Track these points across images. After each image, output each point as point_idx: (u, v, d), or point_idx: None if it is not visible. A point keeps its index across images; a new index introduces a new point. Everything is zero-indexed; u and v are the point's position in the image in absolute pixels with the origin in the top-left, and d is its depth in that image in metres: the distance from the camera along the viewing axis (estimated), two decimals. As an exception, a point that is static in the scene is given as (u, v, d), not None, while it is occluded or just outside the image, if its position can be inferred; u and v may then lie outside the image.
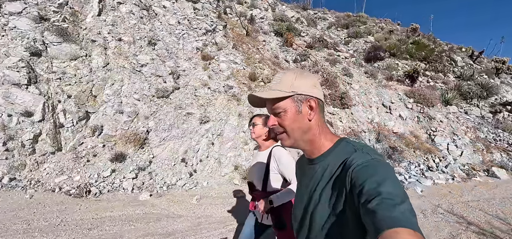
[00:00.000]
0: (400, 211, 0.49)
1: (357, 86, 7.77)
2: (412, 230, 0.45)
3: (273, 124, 0.78)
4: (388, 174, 0.58)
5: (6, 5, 5.84)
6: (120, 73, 6.16)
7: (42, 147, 4.73)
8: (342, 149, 0.73)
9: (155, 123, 5.63)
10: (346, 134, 6.68)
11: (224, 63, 6.86)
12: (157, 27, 7.43)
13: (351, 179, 0.62)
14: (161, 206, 3.72)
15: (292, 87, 0.75)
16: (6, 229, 2.88)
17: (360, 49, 13.95)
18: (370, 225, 0.51)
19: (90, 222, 3.11)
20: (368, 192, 0.55)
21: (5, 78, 4.84)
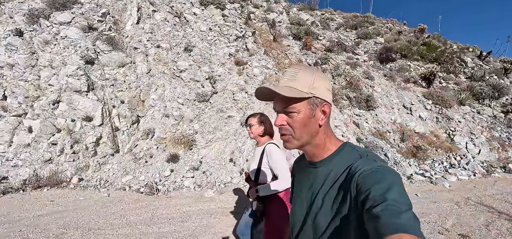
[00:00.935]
0: (405, 218, 0.50)
1: (379, 89, 8.30)
2: (416, 237, 0.46)
3: (282, 123, 0.74)
4: (394, 182, 0.58)
5: (56, 15, 6.25)
6: (161, 78, 6.60)
7: (103, 150, 5.17)
8: (347, 154, 0.74)
9: (200, 125, 6.09)
10: (372, 135, 7.21)
11: (257, 68, 7.33)
12: (189, 33, 7.87)
13: (357, 185, 0.62)
14: (228, 201, 4.19)
15: (311, 88, 0.72)
16: (110, 224, 3.33)
17: (371, 50, 14.48)
18: (373, 231, 0.52)
19: (179, 216, 3.57)
20: (374, 198, 0.55)
21: (67, 86, 5.27)
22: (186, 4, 8.44)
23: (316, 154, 0.77)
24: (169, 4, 8.11)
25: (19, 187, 4.38)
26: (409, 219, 0.50)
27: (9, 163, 4.71)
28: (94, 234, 3.00)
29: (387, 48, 14.02)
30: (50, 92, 5.27)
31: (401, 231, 0.47)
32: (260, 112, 2.04)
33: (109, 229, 3.14)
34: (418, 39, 15.25)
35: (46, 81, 5.37)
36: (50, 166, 4.77)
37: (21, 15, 6.42)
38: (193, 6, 8.46)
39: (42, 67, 5.53)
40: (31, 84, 5.34)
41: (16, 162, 4.69)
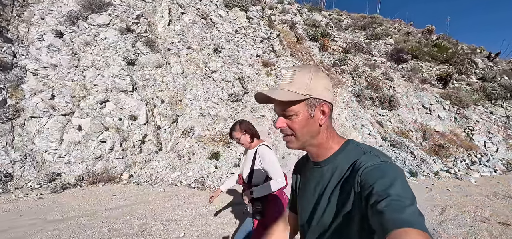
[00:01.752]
0: (409, 213, 0.50)
1: (400, 89, 8.66)
2: (421, 231, 0.47)
3: (282, 126, 0.76)
4: (397, 177, 0.59)
5: (94, 17, 6.50)
6: (194, 79, 6.87)
7: (148, 147, 5.44)
8: (351, 151, 0.75)
9: (235, 124, 6.37)
10: (395, 133, 7.54)
11: (285, 69, 7.63)
12: (216, 35, 8.14)
13: (361, 181, 0.63)
14: None
15: (307, 89, 0.73)
16: (182, 216, 3.60)
17: (382, 51, 14.84)
18: (378, 226, 0.52)
19: (240, 209, 3.85)
20: (377, 193, 0.56)
21: (114, 86, 5.52)
22: (211, 6, 8.71)
23: (319, 154, 0.79)
24: (196, 7, 8.38)
25: (75, 183, 4.63)
26: (414, 214, 0.50)
27: (62, 160, 4.96)
28: (174, 225, 3.27)
29: (398, 49, 14.40)
30: (96, 91, 5.52)
31: (406, 225, 0.47)
32: (239, 120, 2.10)
33: (185, 220, 3.41)
34: (427, 40, 15.67)
35: (91, 81, 5.61)
36: (100, 163, 5.03)
37: (59, 16, 6.66)
38: (218, 9, 8.73)
39: (86, 68, 5.77)
40: (77, 84, 5.58)
41: (69, 159, 4.94)
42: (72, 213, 3.49)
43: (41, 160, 4.89)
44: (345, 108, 7.24)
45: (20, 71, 5.86)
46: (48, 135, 5.04)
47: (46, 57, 5.93)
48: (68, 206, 3.73)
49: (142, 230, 3.09)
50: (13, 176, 4.63)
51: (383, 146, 6.85)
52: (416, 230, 0.47)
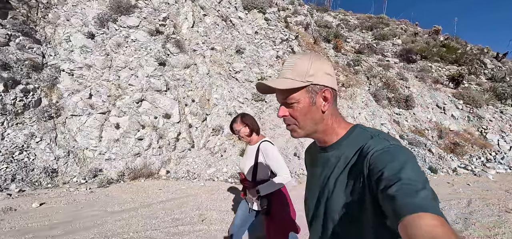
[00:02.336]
0: (422, 197, 0.49)
1: (414, 90, 8.99)
2: (436, 215, 0.46)
3: (284, 115, 0.77)
4: (408, 159, 0.58)
5: (125, 19, 6.78)
6: (218, 79, 7.16)
7: (182, 145, 5.72)
8: (357, 136, 0.74)
9: (261, 123, 6.66)
10: (412, 132, 7.86)
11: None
12: (236, 36, 8.44)
13: (369, 165, 0.62)
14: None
15: (307, 76, 0.72)
16: (233, 207, 3.89)
17: (390, 52, 15.18)
18: (390, 211, 0.51)
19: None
20: (388, 177, 0.55)
21: (149, 85, 5.81)
22: (230, 8, 9.00)
23: (326, 140, 0.78)
24: (216, 9, 8.67)
25: (118, 178, 4.91)
26: (426, 198, 0.49)
27: (103, 157, 5.23)
28: (229, 215, 3.56)
29: (407, 50, 14.75)
30: (131, 91, 5.80)
31: (419, 210, 0.46)
32: (241, 114, 2.06)
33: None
34: (435, 41, 16.03)
35: (126, 81, 5.89)
36: (138, 159, 5.31)
37: (83, 18, 6.93)
38: (237, 10, 9.02)
39: (120, 68, 6.05)
40: (113, 84, 5.86)
41: (110, 156, 5.22)
42: (129, 205, 3.77)
43: (83, 157, 5.17)
44: (364, 107, 7.55)
45: (53, 71, 6.14)
46: (88, 132, 5.32)
47: (80, 57, 6.20)
48: (121, 199, 4.01)
49: (202, 219, 3.37)
50: (58, 171, 4.91)
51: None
52: (431, 214, 0.45)
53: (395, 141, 0.67)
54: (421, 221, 0.45)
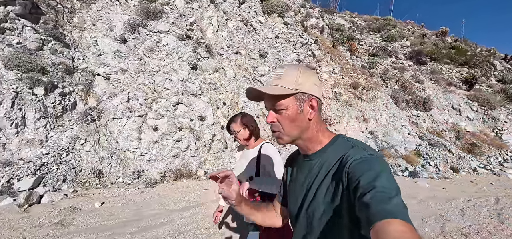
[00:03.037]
0: (393, 204, 0.53)
1: (431, 92, 9.34)
2: (404, 221, 0.49)
3: (272, 121, 0.80)
4: (382, 169, 0.62)
5: (155, 24, 7.06)
6: (244, 82, 7.46)
7: (217, 146, 6.01)
8: (339, 145, 0.78)
9: (288, 125, 6.97)
10: (430, 133, 8.20)
11: (326, 73, 8.26)
12: (258, 40, 8.74)
13: (348, 174, 0.66)
14: None
15: (296, 84, 0.77)
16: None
17: (400, 54, 15.56)
18: (363, 217, 0.55)
19: None
20: (363, 186, 0.59)
21: (185, 89, 6.10)
22: (250, 13, 9.30)
23: (310, 148, 0.82)
24: (237, 13, 8.97)
25: (161, 179, 5.18)
26: (398, 205, 0.53)
27: (143, 158, 5.51)
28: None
29: (417, 51, 15.13)
30: (167, 94, 6.08)
31: (390, 216, 0.50)
32: (242, 113, 1.90)
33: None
34: (444, 42, 16.44)
35: (161, 85, 6.18)
36: (177, 160, 5.58)
37: (109, 22, 7.22)
38: (257, 15, 9.33)
39: (154, 72, 6.33)
40: (148, 88, 6.14)
41: (150, 157, 5.49)
42: (185, 204, 4.05)
43: (124, 158, 5.44)
44: (385, 109, 7.88)
45: (87, 75, 6.41)
46: (128, 135, 5.59)
47: (114, 62, 6.48)
48: (173, 198, 4.29)
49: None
50: (103, 172, 5.17)
51: (421, 145, 7.51)
52: (399, 220, 0.49)
53: (373, 151, 0.72)
54: (391, 227, 0.48)
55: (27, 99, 5.47)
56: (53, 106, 5.71)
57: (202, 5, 8.42)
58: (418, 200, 4.60)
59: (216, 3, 8.54)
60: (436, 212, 4.00)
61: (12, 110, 5.20)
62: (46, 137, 5.34)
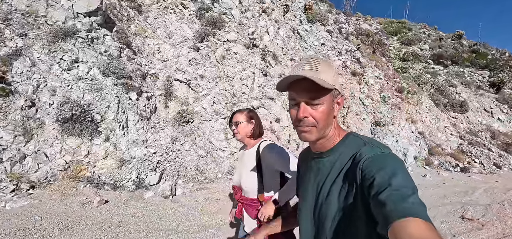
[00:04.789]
0: (411, 202, 0.53)
1: (465, 95, 10.42)
2: (423, 220, 0.50)
3: (305, 115, 0.78)
4: (398, 167, 0.63)
5: (224, 34, 7.97)
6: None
7: (292, 146, 6.93)
8: (351, 142, 0.80)
9: (346, 126, 7.92)
10: (467, 133, 9.25)
11: (371, 78, 9.26)
12: (305, 47, 9.71)
13: (362, 172, 0.67)
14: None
15: (334, 80, 0.78)
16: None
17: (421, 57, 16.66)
18: (380, 216, 0.56)
19: None
20: (379, 184, 0.60)
21: (264, 94, 7.01)
22: (295, 21, 10.28)
23: (324, 145, 0.84)
24: (285, 21, 9.93)
25: (253, 174, 6.08)
26: (415, 203, 0.54)
27: (233, 156, 6.39)
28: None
29: (438, 55, 16.25)
30: (245, 98, 6.98)
31: (408, 215, 0.50)
32: (248, 108, 1.87)
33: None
34: (462, 46, 17.65)
35: (239, 90, 7.08)
36: (261, 158, 6.49)
37: (166, 30, 8.12)
38: (302, 23, 10.31)
39: (230, 78, 7.23)
40: (229, 92, 7.03)
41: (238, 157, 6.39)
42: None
43: (216, 156, 6.32)
44: (428, 112, 8.91)
45: (168, 80, 7.28)
46: (217, 135, 6.47)
47: (190, 68, 7.37)
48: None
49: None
50: (203, 169, 6.04)
51: (462, 144, 8.54)
52: (419, 219, 0.50)
53: (386, 148, 0.74)
54: (410, 225, 0.49)
55: (125, 103, 6.34)
56: (144, 109, 6.58)
57: (254, 15, 9.37)
58: (483, 190, 5.59)
59: (267, 13, 9.49)
60: (507, 198, 4.98)
61: (118, 113, 6.07)
62: (146, 138, 6.20)
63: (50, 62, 6.18)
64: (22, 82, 5.68)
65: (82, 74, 6.23)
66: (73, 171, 5.13)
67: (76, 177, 5.04)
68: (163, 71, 7.82)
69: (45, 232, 3.07)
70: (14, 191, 4.37)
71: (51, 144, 5.21)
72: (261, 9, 9.67)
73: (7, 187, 4.43)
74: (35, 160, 5.00)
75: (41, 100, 5.64)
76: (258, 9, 9.63)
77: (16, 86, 5.59)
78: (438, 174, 6.80)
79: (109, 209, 3.89)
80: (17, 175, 4.80)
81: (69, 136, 5.30)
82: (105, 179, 5.04)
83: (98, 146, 5.45)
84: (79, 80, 6.09)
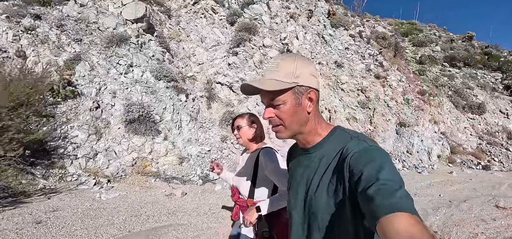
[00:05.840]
0: (398, 197, 0.55)
1: (482, 97, 11.14)
2: (411, 214, 0.52)
3: (270, 116, 0.82)
4: (385, 161, 0.65)
5: (259, 39, 8.64)
6: (327, 89, 9.09)
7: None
8: (338, 137, 0.81)
9: (373, 126, 8.61)
10: (484, 134, 9.96)
11: (394, 81, 9.95)
12: (330, 51, 10.38)
13: (349, 167, 0.69)
14: (434, 178, 6.73)
15: (293, 77, 0.78)
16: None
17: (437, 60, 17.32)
18: (368, 211, 0.58)
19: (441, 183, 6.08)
20: (367, 178, 0.61)
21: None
22: (319, 26, 10.95)
23: (308, 141, 0.85)
24: (310, 26, 10.61)
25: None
26: (403, 197, 0.55)
27: (274, 154, 7.07)
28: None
29: (451, 57, 16.94)
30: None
31: (396, 210, 0.52)
32: (249, 112, 1.90)
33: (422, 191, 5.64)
34: (474, 48, 18.37)
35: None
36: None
37: (198, 34, 8.79)
38: (326, 28, 10.99)
39: (268, 82, 7.90)
40: (267, 96, 7.71)
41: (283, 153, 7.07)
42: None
43: (260, 154, 6.99)
44: (449, 114, 9.61)
45: (209, 84, 7.95)
46: (259, 135, 7.14)
47: (231, 72, 8.03)
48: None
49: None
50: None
51: (481, 144, 9.25)
52: (406, 213, 0.52)
53: (373, 142, 0.76)
54: (398, 220, 0.51)
55: (177, 104, 7.01)
56: (192, 110, 7.25)
57: (283, 20, 10.04)
58: (507, 185, 6.29)
59: (295, 18, 10.17)
60: (532, 191, 5.67)
61: (173, 114, 6.74)
62: (197, 137, 6.87)
63: (107, 66, 6.83)
64: (85, 85, 6.34)
65: (137, 78, 6.90)
66: (140, 166, 5.79)
67: (143, 172, 5.70)
68: (200, 73, 8.49)
69: (155, 217, 3.72)
70: (96, 184, 5.03)
71: (119, 142, 5.86)
72: (288, 14, 10.34)
73: (88, 181, 5.10)
74: (106, 156, 5.66)
75: (104, 101, 6.29)
76: (286, 15, 10.31)
77: (81, 89, 6.25)
78: (462, 171, 7.50)
79: (191, 199, 4.53)
80: (92, 170, 5.47)
81: (134, 135, 5.96)
82: (170, 174, 5.70)
83: (158, 144, 6.10)
84: (136, 83, 6.75)
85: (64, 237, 3.19)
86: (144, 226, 3.48)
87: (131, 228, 3.34)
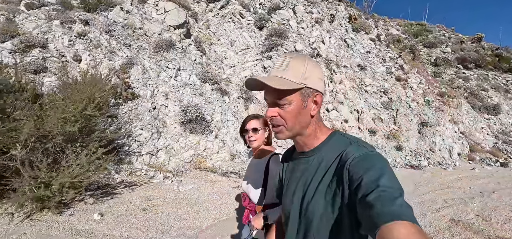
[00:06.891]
0: (398, 205, 0.56)
1: (496, 99, 11.94)
2: (411, 223, 0.53)
3: (273, 115, 0.82)
4: (385, 168, 0.66)
5: (291, 44, 9.37)
6: (352, 90, 9.84)
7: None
8: (337, 141, 0.83)
9: (398, 126, 9.38)
10: (499, 134, 10.76)
11: (414, 83, 10.72)
12: (352, 55, 11.14)
13: (349, 172, 0.70)
14: (460, 173, 7.51)
15: (303, 78, 0.78)
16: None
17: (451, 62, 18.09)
18: (367, 219, 0.58)
19: (464, 178, 6.85)
20: (367, 184, 0.62)
21: (335, 99, 8.43)
22: (341, 30, 11.70)
23: (307, 144, 0.86)
24: (333, 30, 11.36)
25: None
26: (402, 206, 0.56)
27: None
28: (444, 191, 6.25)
29: (462, 58, 17.73)
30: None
31: (396, 218, 0.53)
32: (260, 114, 1.90)
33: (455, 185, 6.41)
34: (484, 49, 19.20)
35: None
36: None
37: (227, 39, 9.49)
38: (348, 32, 11.74)
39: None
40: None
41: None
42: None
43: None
44: (466, 114, 10.40)
45: (241, 85, 8.66)
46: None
47: (267, 75, 8.77)
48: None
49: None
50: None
51: (497, 143, 10.05)
52: (407, 222, 0.52)
53: (372, 148, 0.78)
54: (399, 229, 0.51)
55: (223, 105, 7.73)
56: (234, 110, 7.96)
57: (308, 25, 10.79)
58: (528, 180, 7.06)
59: (320, 22, 10.92)
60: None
61: (221, 114, 7.46)
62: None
63: (158, 69, 7.54)
64: (140, 87, 7.04)
65: (186, 80, 7.61)
66: (196, 162, 6.51)
67: (200, 167, 6.43)
68: (234, 76, 9.21)
69: (237, 204, 4.45)
70: (165, 179, 5.74)
71: (177, 140, 6.58)
72: (313, 19, 11.09)
73: (157, 175, 5.80)
74: (166, 153, 6.37)
75: (158, 103, 7.00)
76: (311, 20, 11.05)
77: (138, 91, 6.96)
78: (483, 168, 8.27)
79: (256, 189, 5.27)
80: (156, 165, 6.18)
81: (190, 134, 6.67)
82: (225, 169, 6.43)
83: (211, 142, 6.83)
84: (186, 86, 7.46)
85: (172, 219, 3.91)
86: (231, 211, 4.22)
87: (227, 213, 4.07)
